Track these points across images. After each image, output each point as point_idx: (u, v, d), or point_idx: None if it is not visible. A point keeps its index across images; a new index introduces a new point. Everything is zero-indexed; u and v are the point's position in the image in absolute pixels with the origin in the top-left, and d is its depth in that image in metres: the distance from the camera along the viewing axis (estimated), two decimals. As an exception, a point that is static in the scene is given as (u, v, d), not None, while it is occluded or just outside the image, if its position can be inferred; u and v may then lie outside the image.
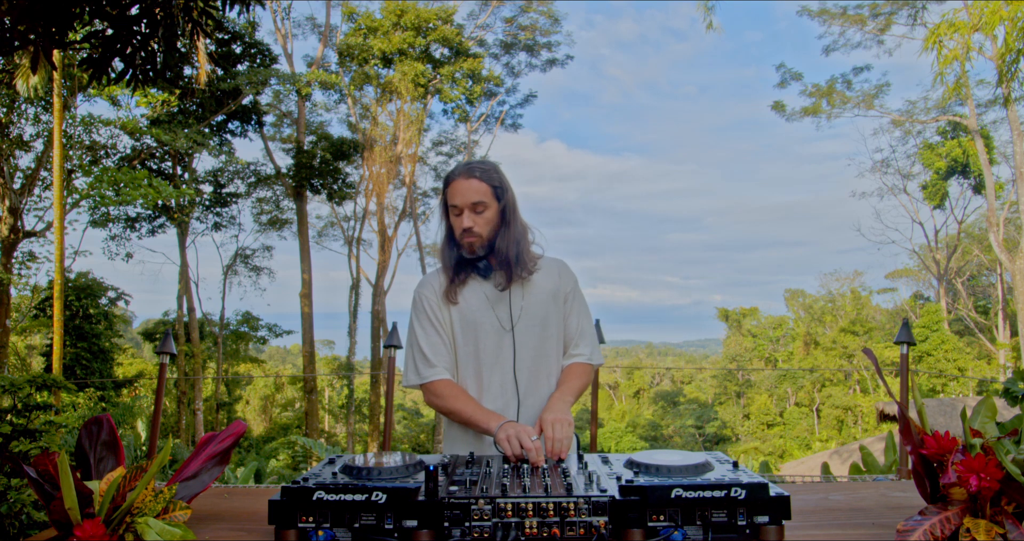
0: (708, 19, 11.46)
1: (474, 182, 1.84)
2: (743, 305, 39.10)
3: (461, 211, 1.84)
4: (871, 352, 1.32)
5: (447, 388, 1.86)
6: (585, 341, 1.99)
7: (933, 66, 12.91)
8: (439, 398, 1.86)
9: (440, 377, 1.87)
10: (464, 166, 1.88)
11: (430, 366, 1.88)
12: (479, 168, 1.87)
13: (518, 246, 1.88)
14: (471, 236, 1.85)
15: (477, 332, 1.89)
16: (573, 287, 2.01)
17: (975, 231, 26.15)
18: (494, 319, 1.89)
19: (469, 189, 1.84)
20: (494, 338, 1.89)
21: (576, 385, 1.90)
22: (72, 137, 13.35)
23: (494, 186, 1.87)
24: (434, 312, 1.92)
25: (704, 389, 37.75)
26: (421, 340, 1.91)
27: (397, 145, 19.93)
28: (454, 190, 1.85)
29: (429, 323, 1.91)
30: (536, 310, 1.92)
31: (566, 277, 2.00)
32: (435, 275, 1.97)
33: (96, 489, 1.16)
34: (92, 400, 14.83)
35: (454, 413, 1.83)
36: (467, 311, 1.90)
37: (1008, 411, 7.14)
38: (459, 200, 1.84)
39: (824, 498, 1.53)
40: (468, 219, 1.83)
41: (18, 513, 2.72)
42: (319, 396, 24.12)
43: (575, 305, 2.00)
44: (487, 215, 1.86)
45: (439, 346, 1.90)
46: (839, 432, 27.29)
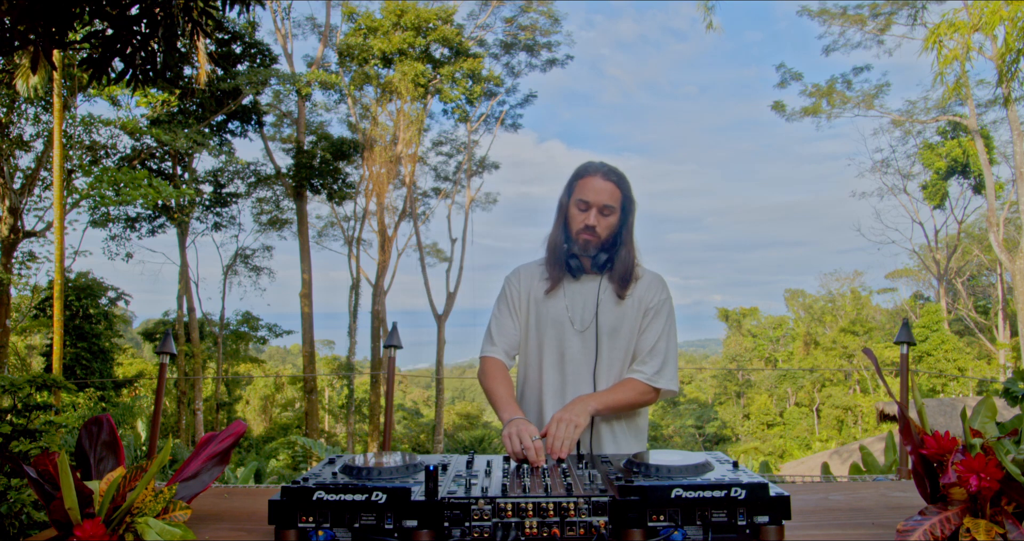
0: (708, 19, 11.47)
1: (611, 186, 1.87)
2: (743, 305, 39.11)
3: (589, 207, 1.87)
4: (871, 352, 1.32)
5: (493, 367, 1.93)
6: (654, 359, 1.91)
7: (933, 66, 12.92)
8: (483, 374, 1.94)
9: (493, 355, 1.95)
10: (603, 166, 1.91)
11: (491, 344, 1.97)
12: (615, 173, 1.90)
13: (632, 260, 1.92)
14: (591, 235, 1.88)
15: (548, 327, 1.94)
16: (660, 304, 1.96)
17: (975, 231, 26.15)
18: (567, 318, 1.93)
19: (604, 190, 1.87)
20: (566, 338, 1.92)
21: (616, 396, 1.83)
22: (72, 137, 13.35)
23: (626, 196, 1.90)
24: (514, 298, 2.00)
25: (704, 389, 37.75)
26: (493, 320, 2.01)
27: (397, 145, 19.93)
28: (589, 186, 1.88)
29: (506, 307, 2.00)
30: (612, 319, 1.91)
31: (655, 291, 1.97)
32: (529, 266, 2.03)
33: (96, 489, 1.16)
34: (92, 400, 14.83)
35: (487, 392, 1.90)
36: (550, 308, 1.94)
37: (1008, 411, 7.14)
38: (592, 197, 1.86)
39: (824, 498, 1.52)
40: (594, 218, 1.86)
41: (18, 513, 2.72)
42: (319, 396, 24.11)
43: (656, 321, 1.94)
44: (611, 220, 1.89)
45: (507, 328, 1.98)
46: (839, 432, 27.29)
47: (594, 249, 1.89)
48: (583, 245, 1.89)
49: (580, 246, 1.90)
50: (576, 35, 74.87)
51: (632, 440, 1.96)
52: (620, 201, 1.89)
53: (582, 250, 1.90)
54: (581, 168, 1.93)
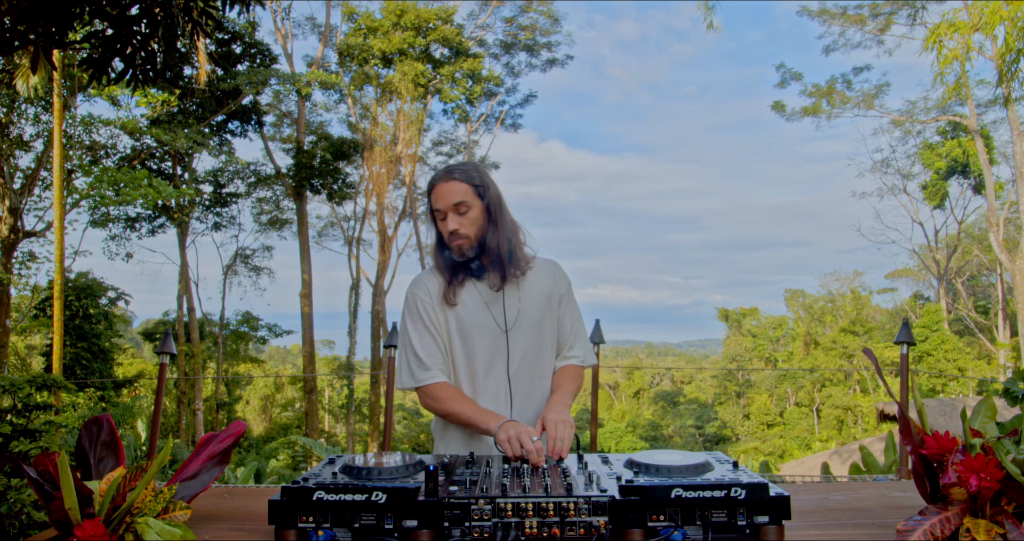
0: (708, 19, 11.46)
1: (454, 183, 1.82)
2: (743, 305, 39.13)
3: (445, 215, 1.82)
4: (871, 352, 1.32)
5: (444, 391, 1.83)
6: (579, 343, 1.99)
7: (933, 66, 12.92)
8: (436, 401, 1.83)
9: (436, 380, 1.85)
10: (443, 169, 1.87)
11: (425, 369, 1.85)
12: (458, 169, 1.85)
13: (509, 243, 1.85)
14: (458, 238, 1.83)
15: (472, 334, 1.87)
16: (567, 289, 2.00)
17: (975, 231, 26.16)
18: (491, 320, 1.87)
19: (450, 191, 1.82)
20: (490, 340, 1.87)
21: (572, 388, 1.91)
22: (72, 137, 13.35)
23: (475, 185, 1.84)
24: (428, 313, 1.88)
25: (704, 389, 37.75)
26: (415, 342, 1.87)
27: (397, 145, 19.93)
28: (436, 194, 1.84)
29: (423, 325, 1.88)
30: (532, 311, 1.90)
31: (560, 279, 1.99)
32: (429, 275, 1.93)
33: (96, 489, 1.16)
34: (92, 400, 14.83)
35: (452, 415, 1.81)
36: (463, 313, 1.88)
37: (1008, 411, 7.14)
38: (441, 203, 1.82)
39: (824, 498, 1.53)
40: (453, 221, 1.81)
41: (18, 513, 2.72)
42: (319, 396, 24.12)
43: (569, 307, 1.99)
44: (471, 215, 1.83)
45: (433, 348, 1.87)
46: (839, 432, 27.29)
47: (471, 250, 1.85)
48: (458, 250, 1.84)
49: (456, 253, 1.85)
50: (577, 35, 74.89)
51: None
52: (471, 192, 1.83)
53: (460, 255, 1.85)
54: (430, 180, 1.89)
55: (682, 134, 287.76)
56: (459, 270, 1.88)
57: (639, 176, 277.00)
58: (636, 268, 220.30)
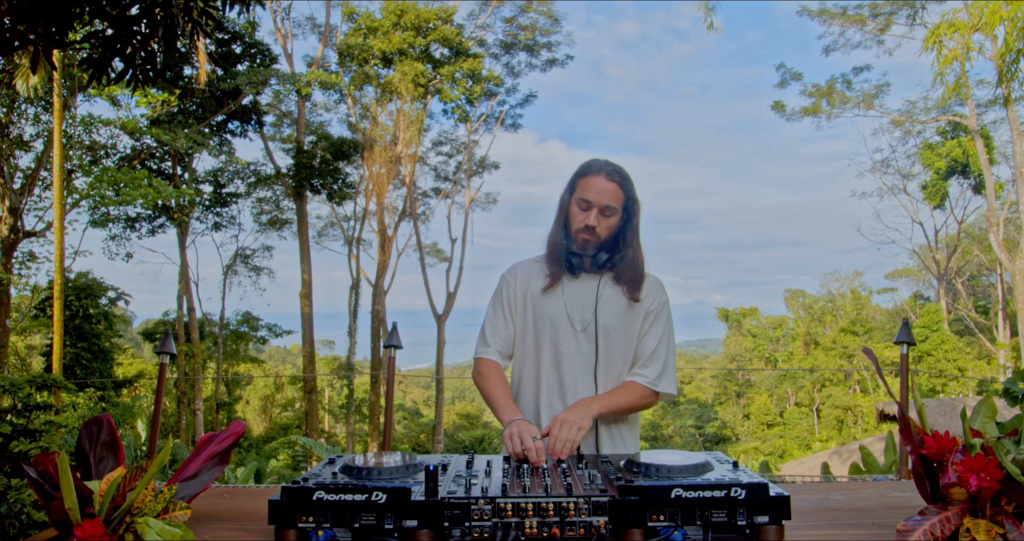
0: (709, 20, 11.46)
1: (613, 186, 1.85)
2: (743, 305, 39.13)
3: (590, 207, 1.85)
4: (871, 352, 1.32)
5: (488, 369, 1.91)
6: (655, 363, 1.91)
7: (933, 66, 12.92)
8: (479, 376, 1.92)
9: (488, 357, 1.93)
10: (607, 165, 1.88)
11: (485, 345, 1.95)
12: (619, 174, 1.87)
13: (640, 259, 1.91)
14: (590, 234, 1.86)
15: (544, 325, 1.92)
16: (660, 307, 1.96)
17: (975, 231, 26.15)
18: (565, 317, 1.90)
19: (606, 191, 1.84)
20: (562, 337, 1.90)
21: (618, 399, 1.84)
22: (72, 137, 13.35)
23: (628, 197, 1.88)
24: (509, 298, 1.97)
25: (704, 389, 37.74)
26: (487, 319, 1.99)
27: (397, 145, 19.93)
28: (591, 185, 1.85)
29: (500, 306, 1.98)
30: (610, 319, 1.90)
31: (656, 295, 1.97)
32: (527, 264, 2.01)
33: (96, 489, 1.16)
34: (92, 400, 14.83)
35: (484, 394, 1.88)
36: (542, 305, 1.92)
37: (1008, 411, 7.14)
38: (594, 196, 1.84)
39: (824, 498, 1.53)
40: (595, 218, 1.84)
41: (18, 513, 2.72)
42: (319, 396, 24.11)
43: (657, 325, 1.95)
44: (612, 221, 1.87)
45: (501, 329, 1.96)
46: (839, 432, 27.29)
47: (593, 249, 1.88)
48: (582, 244, 1.88)
49: (579, 245, 1.88)
50: (577, 35, 74.90)
51: (628, 441, 1.96)
52: (623, 202, 1.87)
53: (581, 249, 1.89)
54: (584, 166, 1.91)
55: (682, 134, 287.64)
56: (563, 263, 1.91)
57: (639, 176, 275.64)
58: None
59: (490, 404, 1.86)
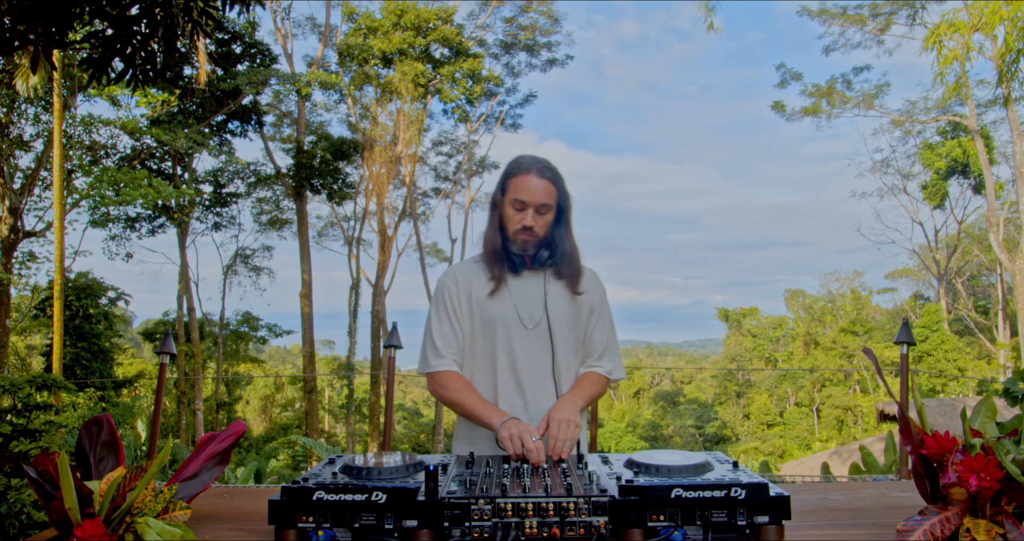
0: (709, 20, 11.45)
1: (545, 183, 1.82)
2: (743, 305, 39.14)
3: (525, 207, 1.82)
4: (871, 352, 1.32)
5: (452, 380, 1.85)
6: (609, 356, 1.97)
7: (933, 66, 12.92)
8: (444, 389, 1.85)
9: (446, 368, 1.87)
10: (536, 162, 1.85)
11: (438, 356, 1.88)
12: (550, 169, 1.85)
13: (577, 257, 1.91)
14: (528, 234, 1.84)
15: (495, 327, 1.88)
16: (601, 300, 1.99)
17: (975, 231, 26.15)
18: (515, 316, 1.88)
19: (539, 189, 1.82)
20: (515, 336, 1.88)
21: (589, 391, 1.88)
22: (72, 137, 13.35)
23: (561, 191, 1.87)
24: (452, 303, 1.91)
25: (704, 389, 37.75)
26: (434, 329, 1.90)
27: (397, 145, 19.93)
28: (523, 185, 1.82)
29: (445, 314, 1.90)
30: (559, 314, 1.90)
31: (595, 289, 1.98)
32: (465, 266, 1.96)
33: (96, 489, 1.16)
34: (92, 400, 14.83)
35: (457, 405, 1.82)
36: (493, 307, 1.89)
37: (1008, 411, 7.14)
38: (527, 196, 1.82)
39: (824, 498, 1.53)
40: (531, 218, 1.82)
41: (18, 513, 2.72)
42: (319, 396, 24.12)
43: (602, 317, 1.97)
44: (548, 218, 1.86)
45: (450, 337, 1.90)
46: (839, 432, 27.29)
47: (533, 248, 1.87)
48: (521, 245, 1.86)
49: (518, 246, 1.86)
50: (577, 35, 74.89)
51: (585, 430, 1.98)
52: (556, 198, 1.85)
53: (521, 249, 1.86)
54: (514, 165, 1.87)
55: (682, 134, 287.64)
56: (503, 263, 1.89)
57: (639, 176, 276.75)
58: (636, 268, 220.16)
59: (467, 413, 1.80)
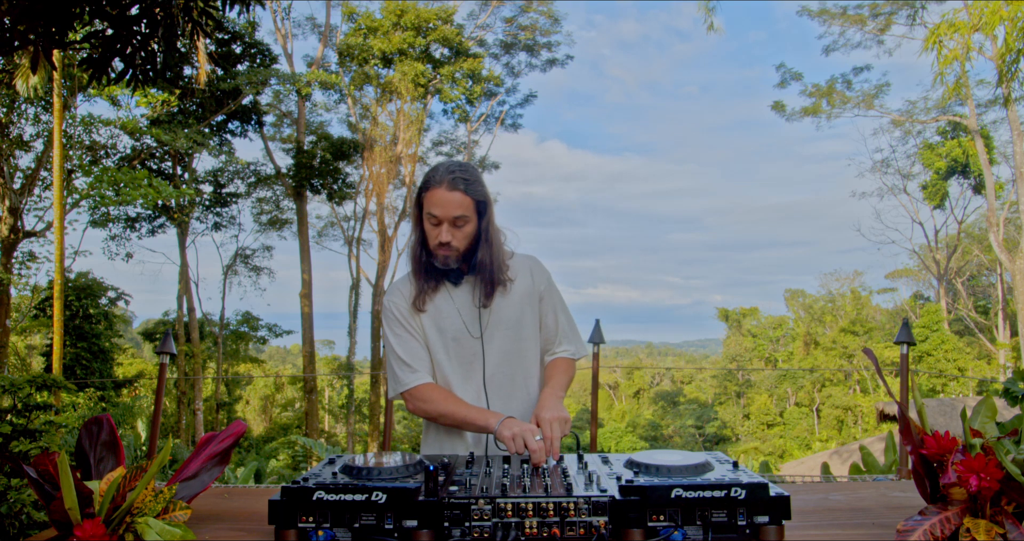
0: (709, 20, 11.46)
1: (458, 195, 1.72)
2: (743, 305, 39.14)
3: (440, 222, 1.74)
4: (871, 352, 1.32)
5: (433, 391, 1.80)
6: (568, 337, 1.96)
7: (933, 66, 12.92)
8: (426, 402, 1.79)
9: (422, 381, 1.82)
10: (447, 174, 1.74)
11: (412, 371, 1.82)
12: (463, 179, 1.74)
13: (497, 259, 1.82)
14: (447, 250, 1.77)
15: (447, 340, 1.85)
16: (547, 285, 1.96)
17: (975, 231, 26.16)
18: (462, 326, 1.85)
19: (451, 202, 1.72)
20: (464, 345, 1.85)
21: (563, 380, 1.87)
22: (72, 137, 13.35)
23: (478, 200, 1.76)
24: (405, 318, 1.85)
25: (704, 389, 37.76)
26: (398, 348, 1.84)
27: (397, 145, 19.93)
28: (434, 199, 1.73)
29: (403, 329, 1.85)
30: (508, 314, 1.87)
31: (539, 275, 1.95)
32: (403, 282, 1.91)
33: (96, 489, 1.16)
34: (92, 400, 14.83)
35: (446, 416, 1.77)
36: (436, 319, 1.85)
37: (1008, 411, 7.14)
38: (439, 212, 1.73)
39: (824, 498, 1.53)
40: (447, 233, 1.74)
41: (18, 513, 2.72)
42: (319, 396, 24.12)
43: (551, 302, 1.95)
44: (467, 229, 1.76)
45: (416, 350, 1.84)
46: (839, 432, 27.30)
47: (455, 262, 1.80)
48: (443, 260, 1.79)
49: (440, 261, 1.80)
50: (577, 35, 74.90)
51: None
52: (472, 207, 1.75)
53: (443, 264, 1.81)
54: (426, 178, 1.78)
55: (682, 134, 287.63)
56: (434, 275, 1.84)
57: (639, 176, 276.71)
58: (636, 268, 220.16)
59: (459, 421, 1.75)
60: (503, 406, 1.85)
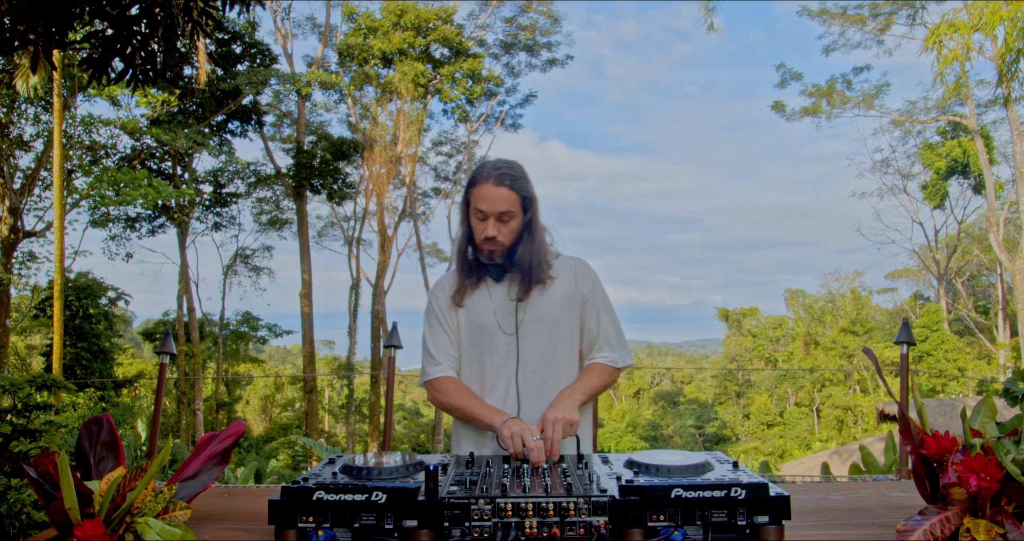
0: (709, 20, 11.46)
1: (504, 191, 1.78)
2: (743, 305, 39.14)
3: (486, 217, 1.79)
4: (871, 352, 1.32)
5: (450, 385, 1.86)
6: (611, 344, 1.93)
7: (933, 66, 12.92)
8: (442, 394, 1.86)
9: (443, 374, 1.88)
10: (495, 170, 1.80)
11: (435, 364, 1.89)
12: (509, 176, 1.80)
13: (538, 255, 1.85)
14: (493, 244, 1.81)
15: (482, 335, 1.88)
16: (592, 289, 1.95)
17: (975, 231, 26.16)
18: (496, 323, 1.87)
19: (498, 198, 1.78)
20: (499, 342, 1.87)
21: (591, 384, 1.86)
22: (72, 137, 13.35)
23: (524, 196, 1.81)
24: (443, 313, 1.92)
25: (704, 389, 37.75)
26: (428, 340, 1.93)
27: (397, 145, 19.93)
28: (482, 194, 1.79)
29: (438, 323, 1.92)
30: (544, 313, 1.88)
31: (583, 278, 1.94)
32: (449, 277, 1.97)
33: (96, 489, 1.16)
34: (92, 400, 14.83)
35: (457, 410, 1.83)
36: (474, 314, 1.89)
37: (1008, 411, 7.14)
38: (486, 207, 1.78)
39: (824, 498, 1.53)
40: (493, 228, 1.79)
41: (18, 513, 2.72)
42: (319, 396, 24.12)
43: (596, 307, 1.94)
44: (512, 225, 1.81)
45: (445, 345, 1.91)
46: (839, 432, 27.29)
47: (500, 257, 1.85)
48: (488, 255, 1.84)
49: (485, 255, 1.85)
50: (577, 35, 74.90)
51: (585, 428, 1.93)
52: (519, 203, 1.80)
53: (488, 259, 1.85)
54: (474, 174, 1.84)
55: (682, 134, 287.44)
56: (477, 270, 1.88)
57: (639, 176, 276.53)
58: (636, 268, 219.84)
59: (467, 416, 1.80)
60: (534, 406, 1.85)
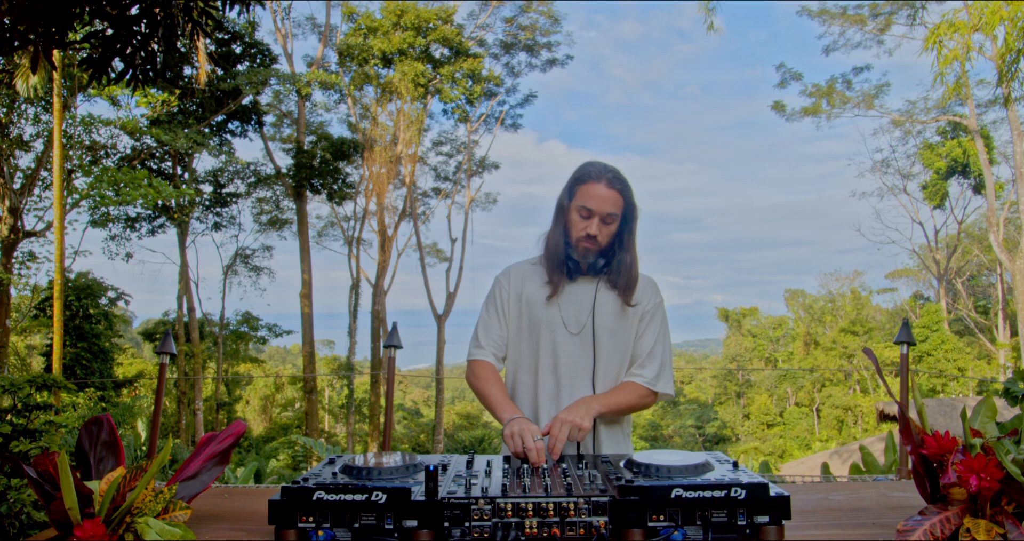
0: (709, 20, 11.46)
1: (615, 194, 1.82)
2: (743, 305, 39.11)
3: (591, 215, 1.82)
4: (871, 352, 1.32)
5: (483, 370, 1.91)
6: (653, 363, 1.92)
7: (933, 66, 12.91)
8: (474, 377, 1.92)
9: (483, 358, 1.93)
10: (607, 172, 1.84)
11: (478, 346, 1.96)
12: (619, 180, 1.84)
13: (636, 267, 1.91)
14: (591, 243, 1.85)
15: (540, 330, 1.91)
16: (655, 308, 1.97)
17: (975, 231, 26.15)
18: (560, 320, 1.90)
19: (608, 199, 1.81)
20: (557, 340, 1.90)
21: (618, 399, 1.85)
22: (72, 137, 13.35)
23: (628, 203, 1.86)
24: (503, 301, 1.97)
25: (704, 389, 37.73)
26: (481, 321, 1.99)
27: (397, 145, 19.93)
28: (592, 193, 1.82)
29: (494, 308, 1.98)
30: (605, 320, 1.89)
31: (649, 296, 1.96)
32: (523, 266, 2.00)
33: (96, 489, 1.16)
34: (92, 400, 14.83)
35: (480, 394, 1.88)
36: (537, 308, 1.92)
37: (1008, 411, 7.14)
38: (595, 205, 1.81)
39: (824, 498, 1.53)
40: (595, 227, 1.82)
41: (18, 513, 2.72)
42: (319, 396, 24.11)
43: (652, 325, 1.95)
44: (612, 228, 1.86)
45: (494, 330, 1.96)
46: (839, 432, 27.29)
47: (593, 256, 1.88)
48: (583, 252, 1.87)
49: (580, 253, 1.87)
50: (577, 35, 74.88)
51: (622, 442, 1.96)
52: (623, 208, 1.85)
53: (582, 256, 1.88)
54: (583, 171, 1.87)
55: (682, 134, 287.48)
56: (558, 266, 1.90)
57: (639, 176, 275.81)
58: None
59: (487, 404, 1.85)
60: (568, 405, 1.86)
